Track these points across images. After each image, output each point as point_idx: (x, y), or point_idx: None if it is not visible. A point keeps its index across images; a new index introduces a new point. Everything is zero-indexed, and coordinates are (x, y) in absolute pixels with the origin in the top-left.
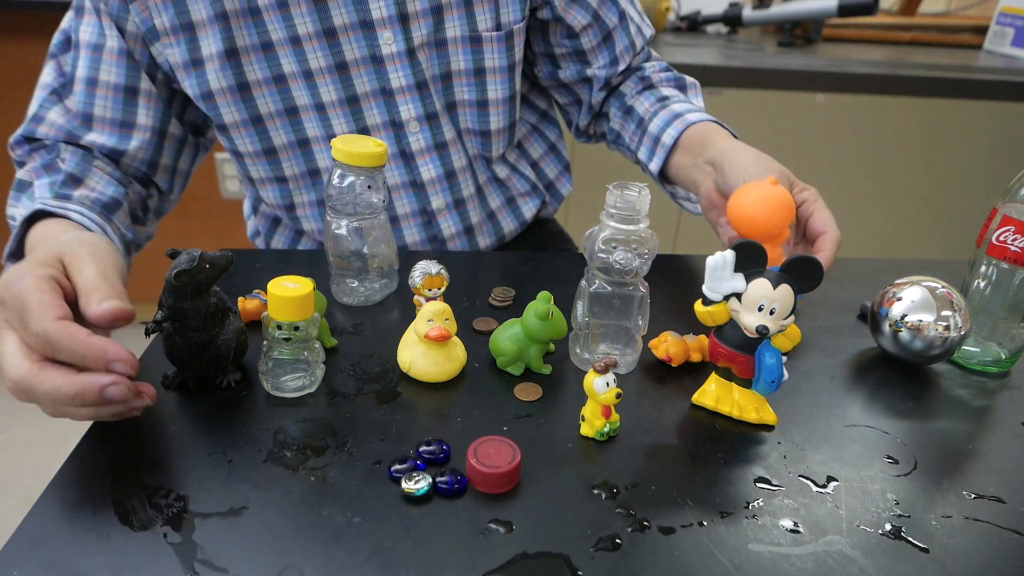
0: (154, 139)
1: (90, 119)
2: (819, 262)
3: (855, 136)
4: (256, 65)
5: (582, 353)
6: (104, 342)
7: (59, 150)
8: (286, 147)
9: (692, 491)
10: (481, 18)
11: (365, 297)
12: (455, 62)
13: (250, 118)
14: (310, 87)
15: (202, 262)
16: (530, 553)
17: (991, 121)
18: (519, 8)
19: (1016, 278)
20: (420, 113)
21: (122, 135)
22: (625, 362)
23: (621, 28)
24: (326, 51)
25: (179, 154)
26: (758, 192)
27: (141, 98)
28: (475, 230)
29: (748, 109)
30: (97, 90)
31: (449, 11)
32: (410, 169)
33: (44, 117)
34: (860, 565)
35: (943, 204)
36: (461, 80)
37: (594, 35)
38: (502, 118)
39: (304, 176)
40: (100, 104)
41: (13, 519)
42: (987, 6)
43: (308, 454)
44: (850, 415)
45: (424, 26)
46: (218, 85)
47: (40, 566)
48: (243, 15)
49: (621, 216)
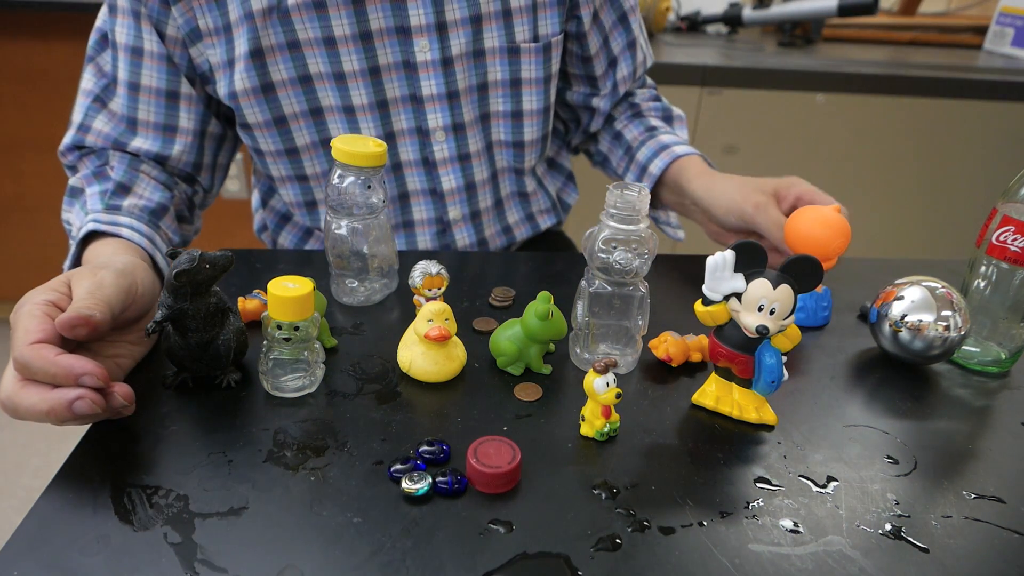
0: (196, 141)
1: (134, 123)
2: (819, 262)
3: (855, 136)
4: (282, 65)
5: (582, 353)
6: (71, 359)
7: (107, 156)
8: (309, 147)
9: (692, 491)
10: (519, 29)
11: (365, 297)
12: (492, 72)
13: (274, 119)
14: (340, 89)
15: (202, 262)
16: (530, 553)
17: (991, 121)
18: (558, 20)
19: (1016, 278)
20: (448, 123)
21: (166, 139)
22: (625, 362)
23: (628, 55)
24: (360, 55)
25: (219, 151)
26: (818, 216)
27: (182, 101)
28: (488, 243)
29: (748, 109)
30: (140, 95)
31: (488, 21)
32: (431, 177)
33: (91, 126)
34: (860, 565)
35: (943, 204)
36: (497, 91)
37: (602, 61)
38: (536, 129)
39: (327, 175)
40: (144, 108)
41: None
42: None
43: (308, 454)
44: (850, 415)
45: (463, 35)
46: (243, 86)
47: (40, 566)
48: (269, 14)
49: (621, 216)
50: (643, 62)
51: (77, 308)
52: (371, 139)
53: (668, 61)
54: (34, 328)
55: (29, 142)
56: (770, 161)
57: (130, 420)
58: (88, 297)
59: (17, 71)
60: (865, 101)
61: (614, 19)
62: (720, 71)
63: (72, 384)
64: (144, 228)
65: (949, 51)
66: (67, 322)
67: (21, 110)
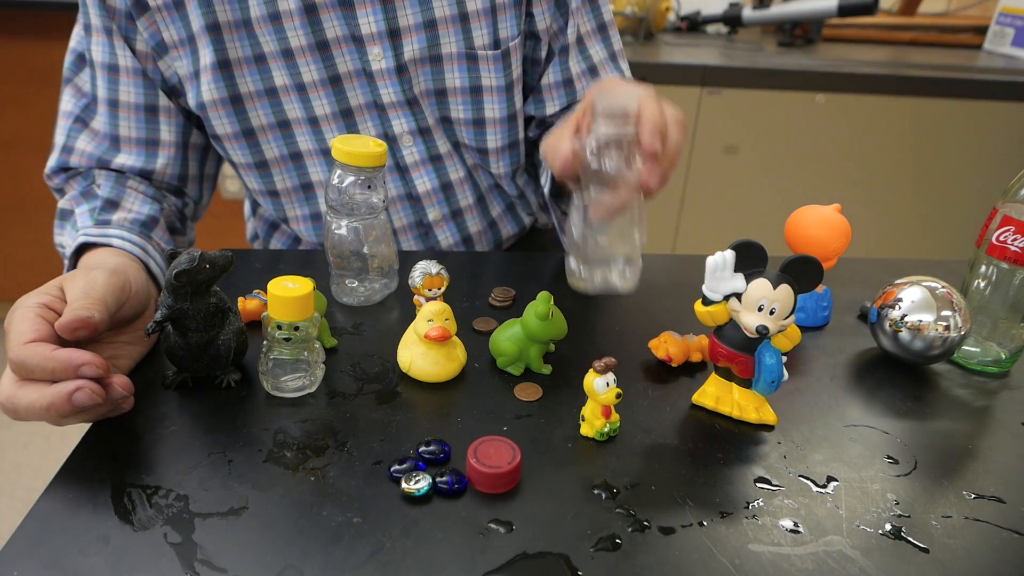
0: (180, 153)
1: (117, 140)
2: (819, 262)
3: (855, 136)
4: (248, 77)
5: (580, 271)
6: (68, 351)
7: (93, 176)
8: (278, 160)
9: (692, 491)
10: (478, 34)
11: (365, 297)
12: (450, 79)
13: (242, 131)
14: (303, 100)
15: (202, 262)
16: (530, 553)
17: (991, 121)
18: (515, 24)
19: (1016, 278)
20: (412, 127)
21: (149, 154)
22: (626, 287)
23: (585, 80)
24: (319, 64)
25: (204, 161)
26: (818, 217)
27: (162, 114)
28: (474, 240)
29: (748, 109)
30: (120, 111)
31: (444, 26)
32: (405, 182)
33: (74, 147)
34: (860, 565)
35: (943, 204)
36: (456, 98)
37: (554, 79)
38: (500, 137)
39: (297, 190)
40: (125, 124)
41: (13, 519)
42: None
43: (308, 454)
44: (850, 415)
45: (416, 41)
46: (211, 97)
47: (40, 566)
48: (235, 27)
49: (611, 117)
50: None
51: (75, 311)
52: (371, 139)
53: (668, 61)
54: (28, 329)
55: (29, 142)
56: (770, 161)
57: (130, 420)
58: (83, 297)
59: (17, 71)
60: (865, 101)
61: (578, 35)
62: (720, 71)
63: (71, 376)
64: (135, 238)
65: (949, 51)
66: (67, 325)
67: (21, 110)
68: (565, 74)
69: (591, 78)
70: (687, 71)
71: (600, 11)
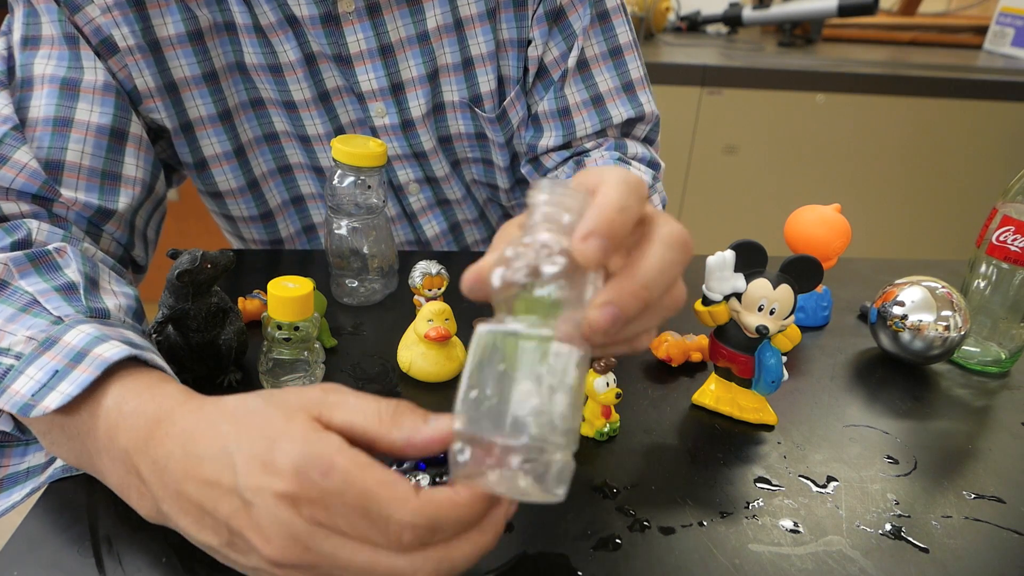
0: (143, 195)
1: (59, 168)
2: (819, 262)
3: (855, 136)
4: (247, 124)
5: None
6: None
7: (27, 228)
8: (281, 207)
9: (692, 491)
10: (483, 79)
11: (365, 297)
12: (454, 126)
13: (247, 183)
14: (307, 151)
15: (203, 262)
16: (530, 553)
17: (991, 121)
18: (517, 65)
19: (1016, 278)
20: (419, 176)
21: (106, 189)
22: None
23: (586, 112)
24: (323, 117)
25: (151, 217)
26: (818, 217)
27: (129, 144)
28: None
29: (748, 109)
30: (71, 131)
31: (446, 75)
32: (414, 228)
33: (8, 157)
34: (860, 565)
35: (943, 204)
36: (463, 142)
37: (551, 113)
38: (507, 180)
39: (300, 234)
40: (75, 148)
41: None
42: (987, 6)
43: None
44: (850, 415)
45: (421, 95)
46: (212, 152)
47: (40, 566)
48: (230, 71)
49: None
50: (608, 119)
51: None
52: (371, 139)
53: (668, 61)
54: (396, 482)
55: None
56: (770, 161)
57: None
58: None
59: None
60: (865, 101)
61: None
62: (720, 71)
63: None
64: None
65: (949, 51)
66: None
67: None
68: (561, 102)
69: (594, 109)
70: (687, 71)
71: (614, 33)
